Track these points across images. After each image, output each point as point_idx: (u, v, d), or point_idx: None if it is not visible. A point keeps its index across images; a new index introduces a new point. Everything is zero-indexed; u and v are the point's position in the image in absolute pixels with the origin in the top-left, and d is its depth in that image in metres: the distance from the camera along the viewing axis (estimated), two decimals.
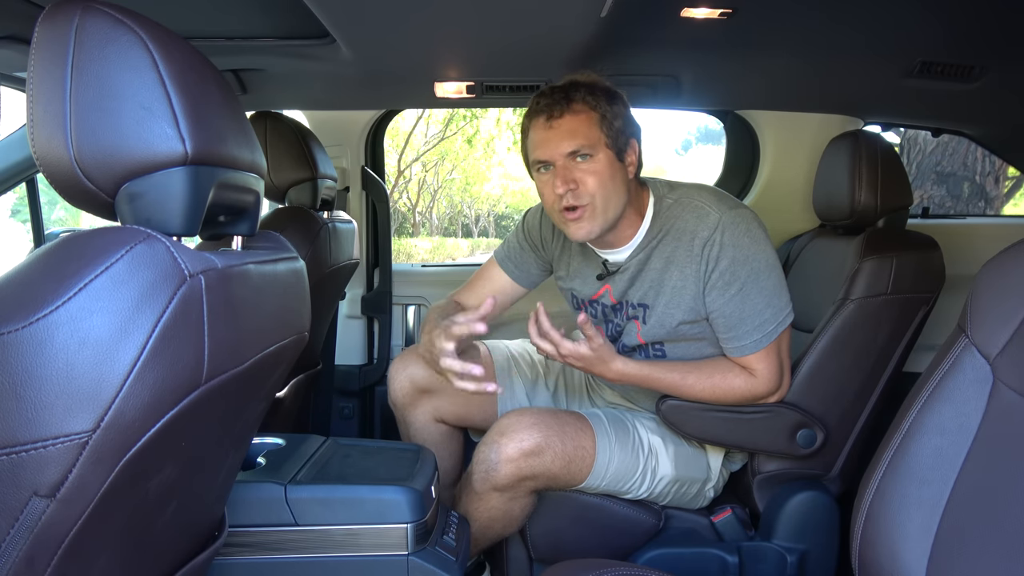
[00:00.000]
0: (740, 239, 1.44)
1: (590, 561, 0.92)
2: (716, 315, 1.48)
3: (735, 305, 1.45)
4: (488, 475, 1.48)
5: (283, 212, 1.83)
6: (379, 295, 2.53)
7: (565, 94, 1.43)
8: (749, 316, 1.45)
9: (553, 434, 1.48)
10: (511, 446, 1.46)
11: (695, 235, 1.46)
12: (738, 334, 1.47)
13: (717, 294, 1.46)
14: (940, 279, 1.67)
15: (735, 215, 1.46)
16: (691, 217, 1.48)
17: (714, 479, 1.65)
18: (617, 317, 1.60)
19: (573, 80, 1.46)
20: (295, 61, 1.73)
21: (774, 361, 1.50)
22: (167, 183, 0.71)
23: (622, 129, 1.46)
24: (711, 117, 2.62)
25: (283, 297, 0.93)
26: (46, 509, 0.63)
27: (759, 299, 1.45)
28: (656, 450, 1.58)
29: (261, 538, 1.23)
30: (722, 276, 1.44)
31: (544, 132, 1.43)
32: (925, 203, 4.81)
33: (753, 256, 1.44)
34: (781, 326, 1.48)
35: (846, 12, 1.51)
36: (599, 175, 1.42)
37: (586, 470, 1.51)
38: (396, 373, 1.73)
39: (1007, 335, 0.71)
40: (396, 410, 1.75)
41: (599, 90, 1.45)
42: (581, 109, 1.42)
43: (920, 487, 0.74)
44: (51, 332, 0.61)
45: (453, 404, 1.73)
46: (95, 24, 0.69)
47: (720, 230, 1.44)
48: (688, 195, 1.52)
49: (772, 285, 1.47)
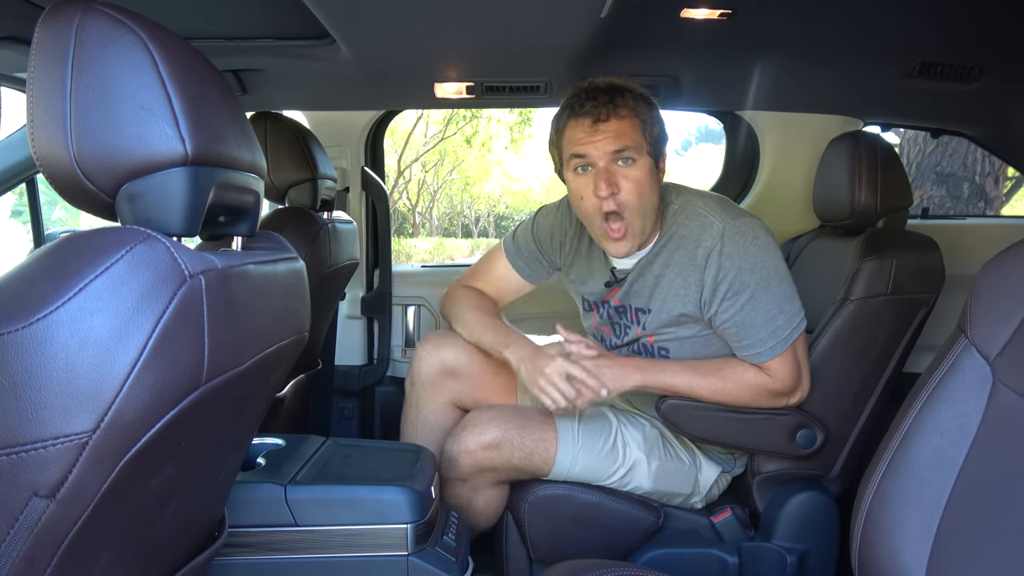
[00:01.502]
0: (746, 248, 1.44)
1: (590, 561, 0.92)
2: (728, 325, 1.47)
3: (747, 313, 1.45)
4: (450, 465, 1.54)
5: (283, 212, 1.83)
6: (379, 295, 2.53)
7: (610, 98, 1.44)
8: (762, 324, 1.45)
9: (512, 428, 1.52)
10: (471, 439, 1.52)
11: (698, 244, 1.47)
12: (752, 342, 1.47)
13: (728, 304, 1.45)
14: (940, 279, 1.67)
15: (739, 224, 1.46)
16: (694, 225, 1.49)
17: (701, 493, 1.65)
18: (623, 319, 1.62)
19: (615, 84, 1.47)
20: (295, 61, 1.73)
21: (791, 364, 1.50)
22: (167, 183, 0.71)
23: (659, 136, 1.49)
24: (711, 117, 2.62)
25: (283, 297, 0.93)
26: (46, 509, 0.63)
27: (771, 306, 1.45)
28: (636, 465, 1.58)
29: (261, 538, 1.23)
30: (731, 286, 1.44)
31: (590, 134, 1.44)
32: (925, 203, 4.81)
33: (761, 264, 1.44)
34: (795, 331, 1.48)
35: (846, 13, 1.51)
36: (639, 182, 1.44)
37: (550, 460, 1.54)
38: (426, 353, 1.72)
39: (1007, 335, 0.71)
40: (413, 389, 1.73)
41: (640, 96, 1.47)
42: (626, 114, 1.44)
43: (920, 487, 0.74)
44: (51, 332, 0.61)
45: (476, 390, 1.73)
46: (95, 24, 0.69)
47: (723, 240, 1.44)
48: (692, 202, 1.53)
49: (783, 292, 1.47)
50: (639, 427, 1.63)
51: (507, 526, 1.65)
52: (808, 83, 2.05)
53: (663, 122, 1.51)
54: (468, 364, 1.70)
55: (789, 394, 1.53)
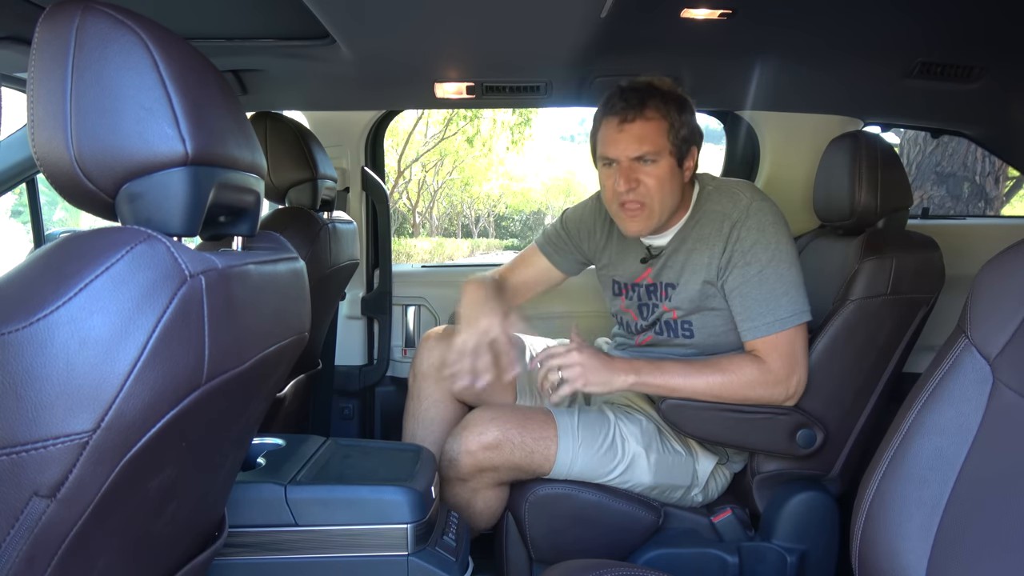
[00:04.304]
0: (765, 225, 1.52)
1: (590, 561, 0.92)
2: (734, 294, 1.54)
3: (752, 286, 1.51)
4: (451, 465, 1.54)
5: (283, 212, 1.83)
6: (379, 296, 2.53)
7: (640, 99, 1.50)
8: (765, 299, 1.50)
9: (512, 427, 1.54)
10: (471, 439, 1.53)
11: (725, 217, 1.55)
12: (751, 314, 1.52)
13: (737, 272, 1.52)
14: (940, 279, 1.67)
15: (764, 204, 1.55)
16: (725, 200, 1.58)
17: (700, 485, 1.65)
18: (653, 298, 1.67)
19: (651, 84, 1.54)
20: (295, 61, 1.73)
21: (786, 348, 1.51)
22: (167, 183, 0.72)
23: (686, 137, 1.55)
24: (711, 117, 2.62)
25: (283, 298, 0.93)
26: (46, 509, 0.63)
27: (777, 285, 1.50)
28: (635, 460, 1.59)
29: (261, 538, 1.23)
30: (744, 256, 1.52)
31: (616, 133, 1.52)
32: (925, 203, 4.81)
33: (776, 244, 1.52)
34: (796, 318, 1.51)
35: (846, 13, 1.51)
36: (659, 179, 1.52)
37: (551, 458, 1.55)
38: (431, 346, 1.76)
39: (1007, 335, 0.71)
40: (415, 382, 1.78)
41: (672, 98, 1.53)
42: (653, 116, 1.51)
43: (920, 487, 0.74)
44: (51, 332, 0.61)
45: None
46: (95, 25, 0.69)
47: (747, 213, 1.53)
48: (727, 184, 1.64)
49: (792, 277, 1.53)
50: (636, 422, 1.64)
51: (507, 526, 1.65)
52: (808, 83, 2.05)
53: (694, 122, 1.58)
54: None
55: (783, 382, 1.52)
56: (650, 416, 1.66)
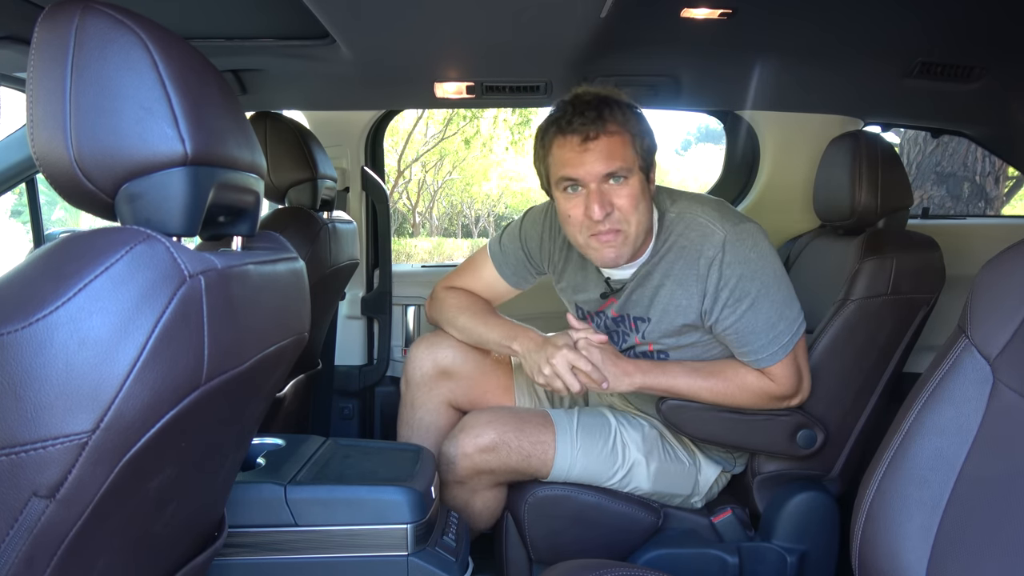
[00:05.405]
0: (747, 255, 1.42)
1: (590, 562, 0.92)
2: (729, 332, 1.46)
3: (748, 320, 1.44)
4: (448, 468, 1.53)
5: (283, 212, 1.83)
6: (379, 295, 2.53)
7: (598, 113, 1.38)
8: (763, 330, 1.44)
9: (509, 430, 1.52)
10: (468, 442, 1.51)
11: (700, 254, 1.44)
12: (754, 348, 1.46)
13: (728, 311, 1.44)
14: (940, 279, 1.67)
15: (740, 231, 1.44)
16: (695, 235, 1.46)
17: (701, 493, 1.65)
18: (622, 327, 1.60)
19: (603, 96, 1.41)
20: (295, 61, 1.73)
21: (792, 368, 1.49)
22: (167, 183, 0.71)
23: (650, 147, 1.44)
24: (711, 117, 2.62)
25: (283, 298, 0.93)
26: (46, 509, 0.63)
27: (772, 312, 1.44)
28: (635, 467, 1.58)
29: (261, 538, 1.23)
30: (732, 294, 1.43)
31: (579, 153, 1.38)
32: (925, 203, 4.81)
33: (761, 270, 1.43)
34: (796, 336, 1.47)
35: (846, 13, 1.51)
36: (632, 198, 1.40)
37: (549, 463, 1.53)
38: (421, 353, 1.71)
39: (1007, 335, 0.71)
40: (408, 390, 1.72)
41: (628, 108, 1.42)
42: (616, 130, 1.38)
43: (920, 487, 0.74)
44: (51, 332, 0.61)
45: (471, 390, 1.72)
46: (95, 24, 0.69)
47: (724, 249, 1.42)
48: (690, 209, 1.49)
49: (783, 297, 1.46)
50: (638, 427, 1.62)
51: (507, 527, 1.65)
52: (808, 83, 2.05)
53: (652, 130, 1.46)
54: (463, 364, 1.69)
55: (790, 397, 1.53)
56: (653, 422, 1.65)
